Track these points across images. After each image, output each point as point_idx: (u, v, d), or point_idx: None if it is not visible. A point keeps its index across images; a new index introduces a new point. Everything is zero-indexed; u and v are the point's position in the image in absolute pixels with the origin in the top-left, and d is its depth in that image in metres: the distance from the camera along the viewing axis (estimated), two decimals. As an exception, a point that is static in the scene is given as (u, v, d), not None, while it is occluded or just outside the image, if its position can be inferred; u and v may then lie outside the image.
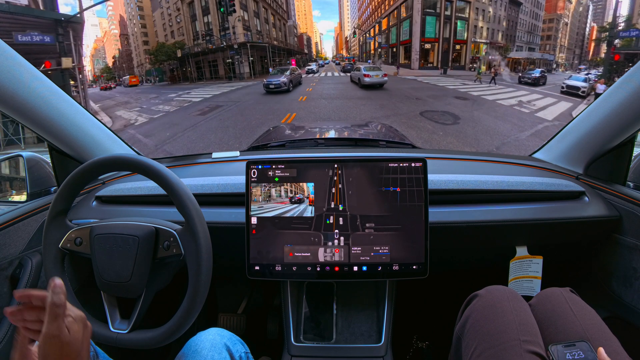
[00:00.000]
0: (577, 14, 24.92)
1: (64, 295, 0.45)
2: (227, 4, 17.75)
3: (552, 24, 23.20)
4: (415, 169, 0.82)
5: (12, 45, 0.80)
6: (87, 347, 0.48)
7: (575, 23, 24.65)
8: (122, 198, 1.00)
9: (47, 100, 0.89)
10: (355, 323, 0.93)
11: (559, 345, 0.61)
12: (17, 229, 0.88)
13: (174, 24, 21.53)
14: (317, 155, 1.23)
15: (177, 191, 0.67)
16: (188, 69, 21.29)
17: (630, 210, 0.89)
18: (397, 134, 1.89)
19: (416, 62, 20.36)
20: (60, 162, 1.05)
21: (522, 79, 15.19)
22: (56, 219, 0.73)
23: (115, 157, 0.71)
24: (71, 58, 12.16)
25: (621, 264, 0.92)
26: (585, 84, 12.30)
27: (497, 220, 0.90)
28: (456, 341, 0.74)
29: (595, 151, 0.99)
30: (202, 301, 0.67)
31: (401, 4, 21.20)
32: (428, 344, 1.31)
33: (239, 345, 0.76)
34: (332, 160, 0.83)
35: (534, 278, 0.98)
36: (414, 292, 1.30)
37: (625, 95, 0.85)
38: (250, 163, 0.83)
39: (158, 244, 0.70)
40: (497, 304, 0.70)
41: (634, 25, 16.09)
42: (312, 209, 0.82)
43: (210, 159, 1.22)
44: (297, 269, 0.83)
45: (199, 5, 20.11)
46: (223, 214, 0.92)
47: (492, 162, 1.16)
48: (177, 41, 21.39)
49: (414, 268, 0.82)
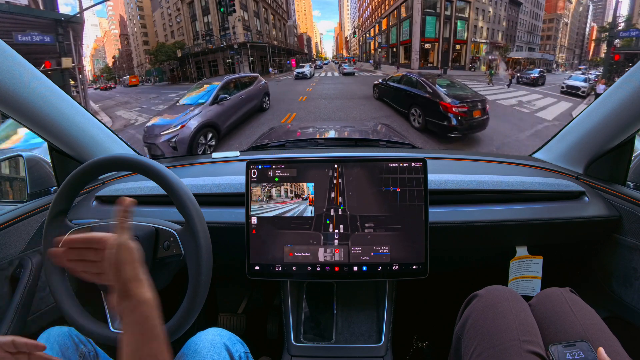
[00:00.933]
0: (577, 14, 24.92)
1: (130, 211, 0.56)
2: (227, 4, 17.76)
3: (552, 24, 23.20)
4: (415, 169, 0.82)
5: (12, 45, 0.80)
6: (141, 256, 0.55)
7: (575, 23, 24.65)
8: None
9: (47, 100, 0.89)
10: (355, 323, 0.93)
11: (559, 345, 0.61)
12: (17, 229, 0.88)
13: (174, 24, 21.53)
14: (317, 155, 1.23)
15: (177, 191, 0.67)
16: (188, 69, 21.28)
17: (630, 210, 0.89)
18: (397, 134, 1.90)
19: (416, 62, 20.36)
20: (60, 162, 1.05)
21: (520, 79, 15.15)
22: (56, 219, 0.73)
23: (115, 157, 0.71)
24: (71, 58, 12.16)
25: (621, 264, 0.92)
26: (585, 84, 12.29)
27: (497, 220, 0.90)
28: (456, 341, 0.74)
29: (595, 151, 0.99)
30: (202, 301, 0.67)
31: (401, 4, 21.20)
32: (428, 344, 1.31)
33: (239, 345, 0.76)
34: (332, 160, 0.83)
35: (534, 278, 0.98)
36: (414, 292, 1.29)
37: (625, 95, 0.85)
38: (250, 163, 0.83)
39: (158, 244, 0.71)
40: (497, 304, 0.70)
41: (634, 25, 16.08)
42: (312, 209, 0.82)
43: (210, 159, 1.22)
44: (297, 269, 0.83)
45: (199, 5, 20.11)
46: (223, 214, 0.92)
47: (492, 162, 1.16)
48: (177, 41, 21.39)
49: (414, 268, 0.82)
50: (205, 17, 20.27)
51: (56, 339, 0.72)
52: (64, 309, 0.71)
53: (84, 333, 0.70)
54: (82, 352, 0.75)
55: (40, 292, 0.90)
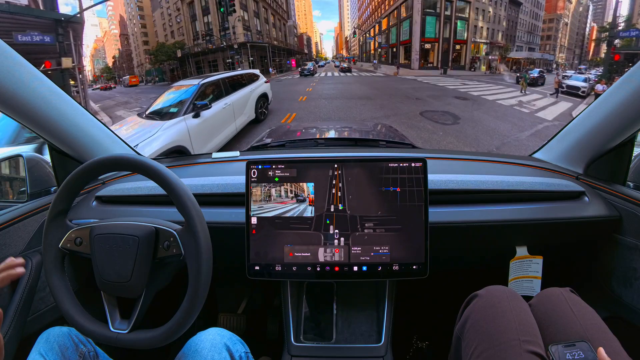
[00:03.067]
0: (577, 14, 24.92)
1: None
2: (227, 4, 17.76)
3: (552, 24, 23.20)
4: (415, 169, 0.82)
5: (12, 45, 0.80)
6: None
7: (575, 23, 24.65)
8: (122, 198, 1.00)
9: (47, 100, 0.89)
10: (355, 323, 0.93)
11: (559, 345, 0.61)
12: (17, 229, 0.88)
13: (174, 24, 21.54)
14: (317, 155, 1.23)
15: (177, 191, 0.67)
16: (188, 69, 21.29)
17: (630, 210, 0.89)
18: (397, 133, 1.90)
19: (416, 62, 20.38)
20: (60, 162, 1.05)
21: (519, 79, 15.15)
22: (56, 219, 0.73)
23: (115, 157, 0.71)
24: (71, 58, 12.15)
25: (621, 264, 0.92)
26: (585, 84, 12.29)
27: (497, 220, 0.90)
28: (456, 341, 0.74)
29: (595, 151, 0.99)
30: (202, 301, 0.67)
31: (401, 4, 21.21)
32: (428, 344, 1.31)
33: (239, 345, 0.76)
34: (332, 160, 0.83)
35: (534, 278, 0.98)
36: (414, 292, 1.29)
37: (625, 95, 0.85)
38: (250, 163, 0.83)
39: (158, 244, 0.70)
40: (497, 304, 0.70)
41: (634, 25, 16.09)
42: (312, 209, 0.82)
43: (210, 159, 1.22)
44: (297, 269, 0.83)
45: (199, 5, 20.12)
46: (223, 214, 0.92)
47: (492, 162, 1.16)
48: (177, 41, 21.40)
49: (414, 268, 0.82)
50: (205, 17, 20.28)
51: (56, 339, 0.72)
52: (64, 309, 0.71)
53: (83, 333, 0.70)
54: (82, 352, 0.75)
55: (40, 292, 0.90)
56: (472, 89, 13.24)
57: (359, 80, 16.48)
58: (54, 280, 0.72)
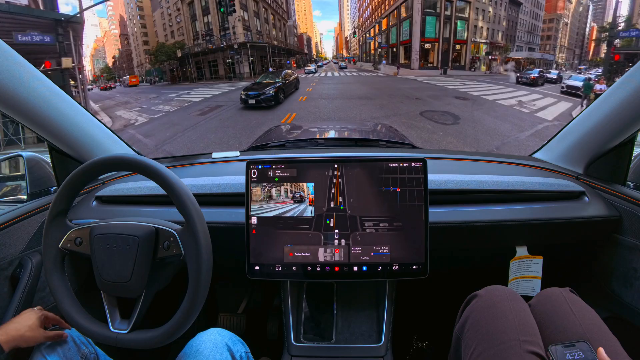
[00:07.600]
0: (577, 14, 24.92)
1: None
2: (227, 4, 17.73)
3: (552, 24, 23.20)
4: (415, 169, 0.82)
5: (12, 45, 0.80)
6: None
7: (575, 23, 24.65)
8: (122, 198, 1.00)
9: (47, 100, 0.89)
10: (355, 323, 0.93)
11: (558, 346, 0.61)
12: (17, 229, 0.88)
13: (174, 24, 21.53)
14: (317, 155, 1.23)
15: (177, 191, 0.67)
16: (188, 69, 21.28)
17: (630, 210, 0.89)
18: (397, 133, 1.90)
19: (416, 62, 20.37)
20: (60, 162, 1.05)
21: (519, 79, 15.14)
22: (56, 219, 0.73)
23: (115, 157, 0.71)
24: (71, 58, 12.16)
25: (621, 264, 0.92)
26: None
27: (497, 220, 0.90)
28: (456, 341, 0.74)
29: (595, 151, 0.99)
30: (202, 301, 0.67)
31: (401, 4, 21.20)
32: (428, 344, 1.31)
33: (240, 345, 0.76)
34: (332, 160, 0.83)
35: (534, 278, 0.98)
36: (414, 292, 1.29)
37: (625, 95, 0.85)
38: (250, 163, 0.83)
39: (158, 244, 0.70)
40: (497, 304, 0.70)
41: (634, 25, 16.08)
42: (312, 209, 0.82)
43: (210, 159, 1.22)
44: (297, 269, 0.83)
45: (199, 5, 20.11)
46: (223, 214, 0.92)
47: (492, 162, 1.16)
48: (177, 41, 21.38)
49: (414, 268, 0.82)
50: (205, 17, 20.27)
51: (57, 340, 0.72)
52: (64, 309, 0.71)
53: (83, 333, 0.70)
54: (84, 353, 0.75)
55: (40, 292, 0.90)
56: (472, 89, 13.23)
57: (359, 80, 16.47)
58: (54, 280, 0.72)
